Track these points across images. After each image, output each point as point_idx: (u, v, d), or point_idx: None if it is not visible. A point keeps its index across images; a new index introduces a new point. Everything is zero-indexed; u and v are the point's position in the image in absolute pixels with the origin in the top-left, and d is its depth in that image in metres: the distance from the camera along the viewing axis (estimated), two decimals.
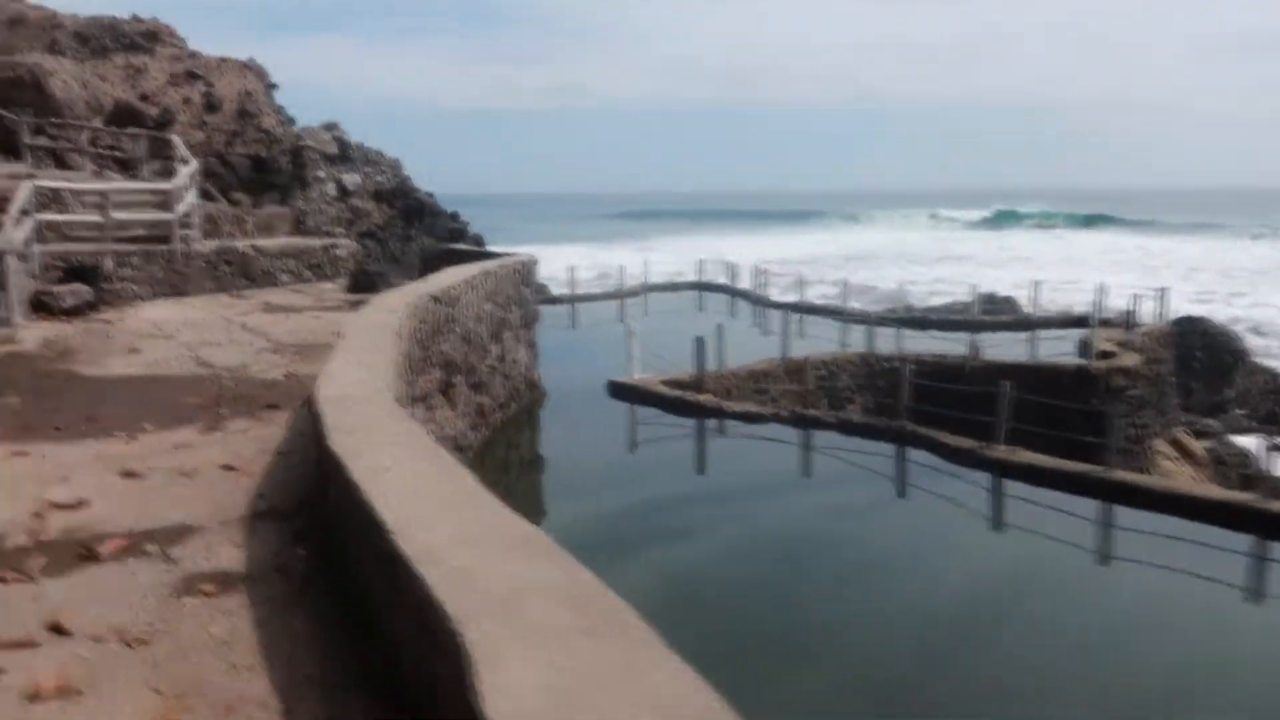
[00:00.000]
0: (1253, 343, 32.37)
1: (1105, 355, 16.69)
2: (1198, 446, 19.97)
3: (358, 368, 5.27)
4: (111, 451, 6.17)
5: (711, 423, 14.06)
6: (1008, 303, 36.49)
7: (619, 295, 28.70)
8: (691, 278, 34.04)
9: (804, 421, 12.98)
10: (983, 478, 11.78)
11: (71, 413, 7.32)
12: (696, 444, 13.64)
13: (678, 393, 13.84)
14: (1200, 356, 27.61)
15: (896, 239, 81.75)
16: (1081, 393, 15.54)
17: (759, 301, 27.03)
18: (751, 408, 13.52)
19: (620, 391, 14.77)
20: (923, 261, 58.56)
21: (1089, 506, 10.68)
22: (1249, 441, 23.30)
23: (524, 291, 14.17)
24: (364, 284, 15.64)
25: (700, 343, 14.47)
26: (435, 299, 9.34)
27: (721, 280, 31.76)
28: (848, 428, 12.79)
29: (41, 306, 12.37)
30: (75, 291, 12.57)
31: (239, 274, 15.91)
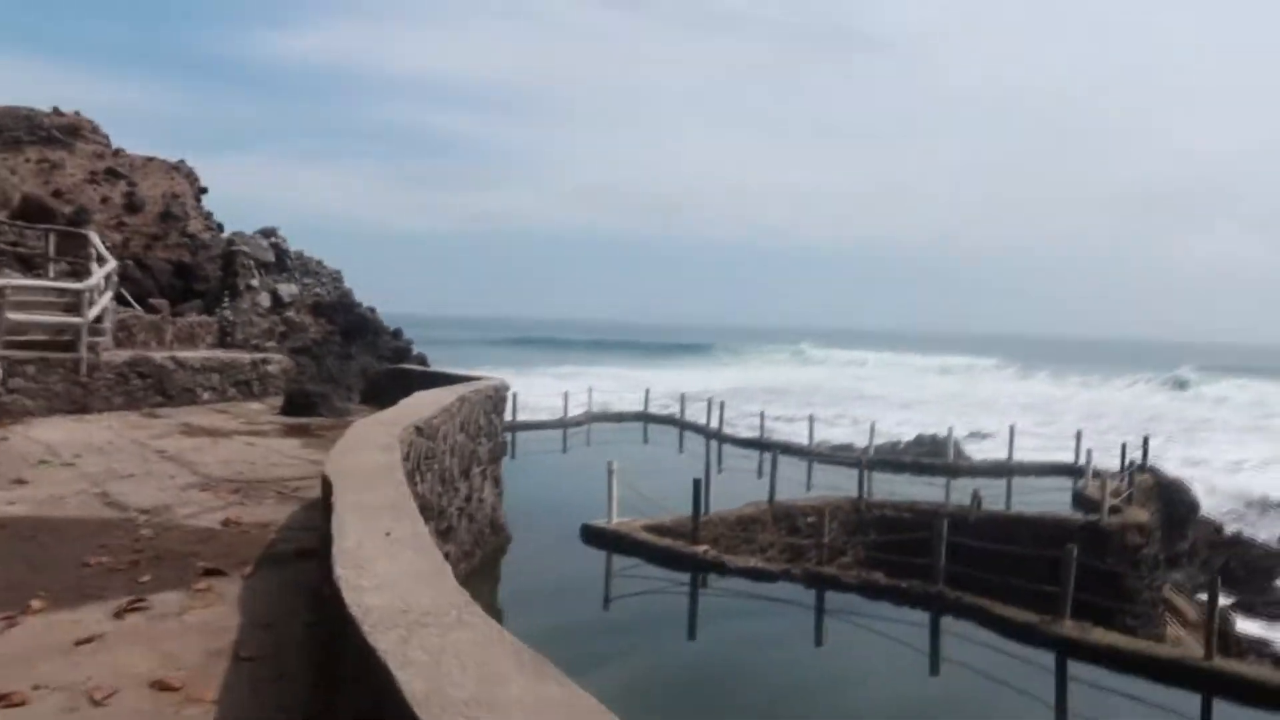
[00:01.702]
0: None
1: (1114, 510, 15.61)
2: (1187, 606, 18.90)
3: (393, 548, 3.49)
4: None
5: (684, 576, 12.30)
6: (939, 444, 35.87)
7: (562, 424, 26.97)
8: (624, 408, 32.55)
9: (819, 581, 11.31)
10: (1021, 650, 10.23)
11: None
12: (689, 603, 11.80)
13: (667, 542, 12.04)
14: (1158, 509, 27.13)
15: (804, 375, 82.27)
16: (1094, 550, 14.30)
17: (715, 436, 25.58)
18: (756, 563, 11.80)
19: (596, 537, 12.92)
20: (842, 400, 58.43)
21: (1164, 695, 9.19)
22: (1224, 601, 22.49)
23: (494, 421, 12.38)
24: (301, 405, 13.62)
25: (699, 486, 12.79)
26: (419, 430, 7.55)
27: (667, 412, 30.36)
28: (874, 591, 11.16)
29: None
30: None
31: (154, 389, 13.71)
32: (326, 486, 4.84)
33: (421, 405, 8.74)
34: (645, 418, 29.77)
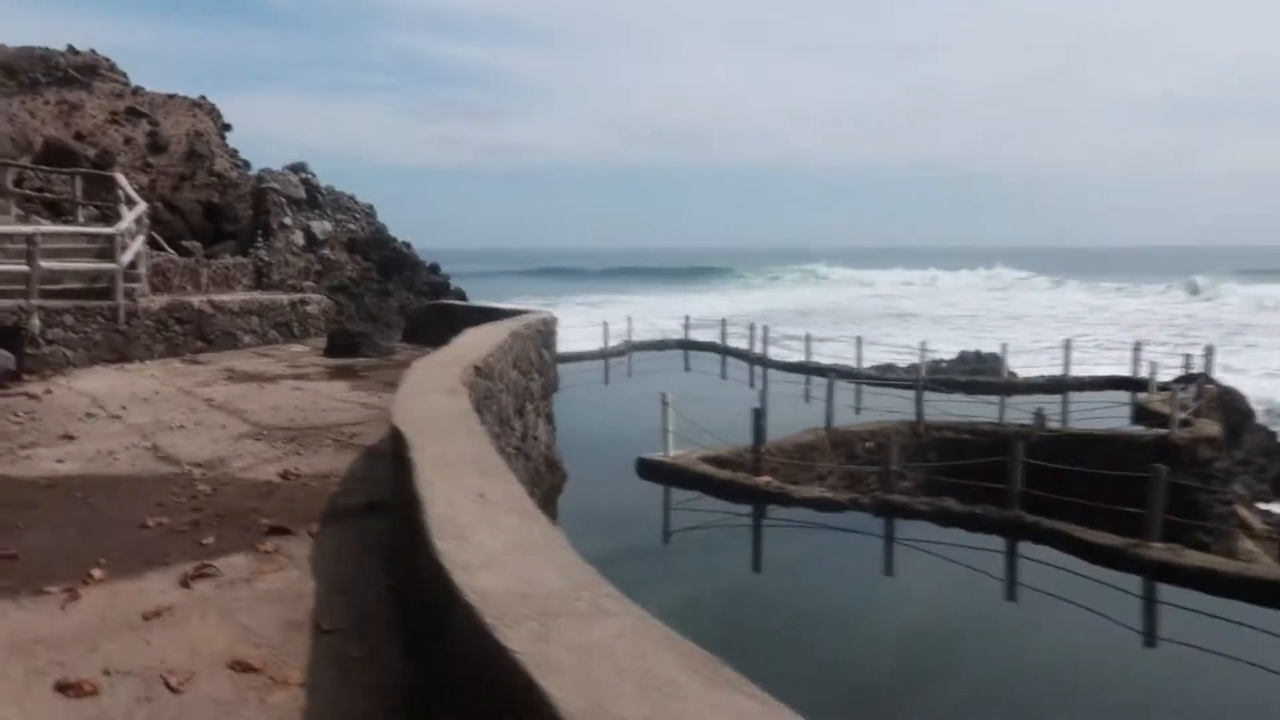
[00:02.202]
0: None
1: (1184, 424, 15.03)
2: (1252, 517, 18.39)
3: (491, 512, 3.07)
4: (35, 630, 3.81)
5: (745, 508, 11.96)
6: (993, 360, 35.09)
7: (603, 355, 26.59)
8: (653, 336, 31.99)
9: (888, 509, 10.92)
10: (1104, 575, 9.83)
11: None
12: (753, 535, 11.47)
13: (727, 474, 11.68)
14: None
15: (829, 296, 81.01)
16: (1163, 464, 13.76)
17: (759, 362, 25.05)
18: (821, 492, 11.42)
19: (652, 471, 12.59)
20: (869, 320, 57.33)
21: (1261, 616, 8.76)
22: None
23: (545, 356, 11.98)
24: (344, 346, 13.27)
25: (758, 415, 12.35)
26: (478, 371, 7.13)
27: (706, 338, 29.82)
28: (946, 518, 10.75)
29: None
30: None
31: (194, 335, 13.42)
32: (398, 439, 4.43)
33: (476, 343, 8.31)
34: (686, 345, 29.27)
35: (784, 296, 78.86)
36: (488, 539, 2.86)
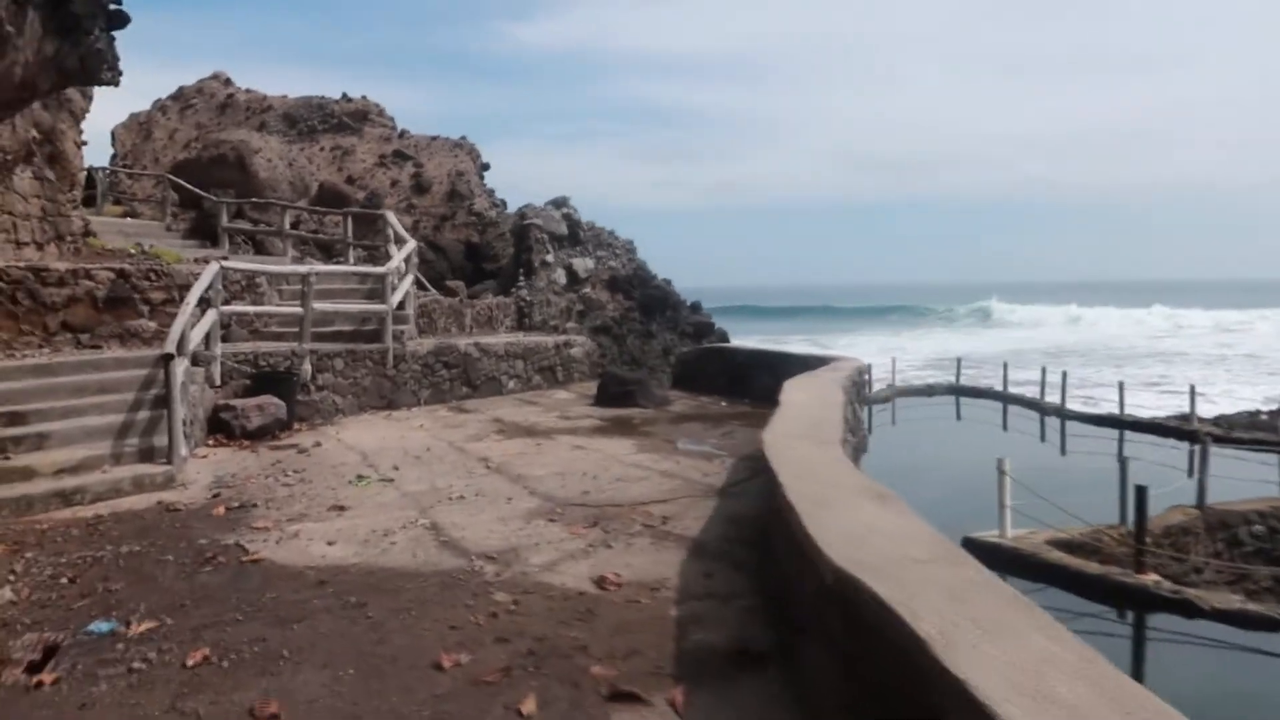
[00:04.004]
0: None
1: None
2: None
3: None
4: None
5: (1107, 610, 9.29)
6: None
7: (867, 401, 24.21)
8: (926, 380, 29.15)
9: None
10: None
11: (230, 685, 3.56)
12: (1132, 651, 8.84)
13: (1097, 568, 9.12)
14: None
15: (1075, 335, 72.23)
16: None
17: (1056, 413, 21.74)
18: (1242, 603, 8.64)
19: (986, 555, 10.19)
20: (1132, 360, 50.13)
21: None
22: None
23: (857, 412, 10.00)
24: (616, 395, 11.89)
25: (1141, 493, 9.72)
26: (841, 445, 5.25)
27: (972, 382, 26.66)
28: None
29: (220, 426, 9.16)
30: (264, 408, 9.31)
31: (460, 380, 12.51)
32: (852, 590, 2.57)
33: (819, 404, 6.46)
34: (957, 390, 26.24)
35: (1028, 336, 71.96)
36: None
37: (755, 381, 12.52)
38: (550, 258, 15.85)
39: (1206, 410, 24.51)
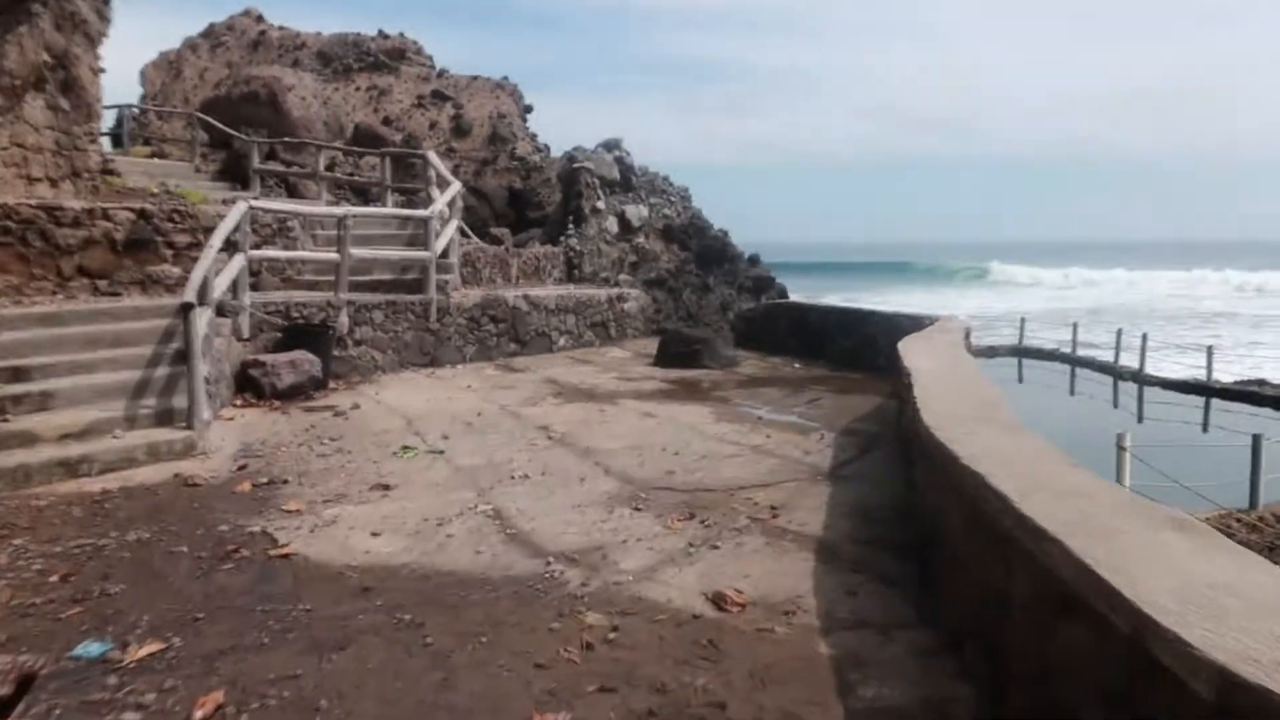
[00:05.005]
0: None
1: None
2: None
3: None
4: None
5: None
6: None
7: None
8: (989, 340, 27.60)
9: None
10: None
11: None
12: None
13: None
14: None
15: (1107, 294, 68.99)
16: None
17: (1133, 378, 20.33)
18: None
19: None
20: (1178, 321, 47.47)
21: None
22: None
23: None
24: (679, 353, 10.82)
25: None
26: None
27: (1038, 343, 25.16)
28: None
29: (249, 384, 8.21)
30: (296, 365, 8.33)
31: (507, 336, 11.49)
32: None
33: (962, 376, 5.35)
34: (1020, 352, 24.80)
35: (1076, 295, 69.22)
36: None
37: (831, 342, 11.39)
38: (601, 204, 14.70)
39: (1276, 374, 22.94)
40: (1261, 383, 20.86)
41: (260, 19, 22.66)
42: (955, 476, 3.35)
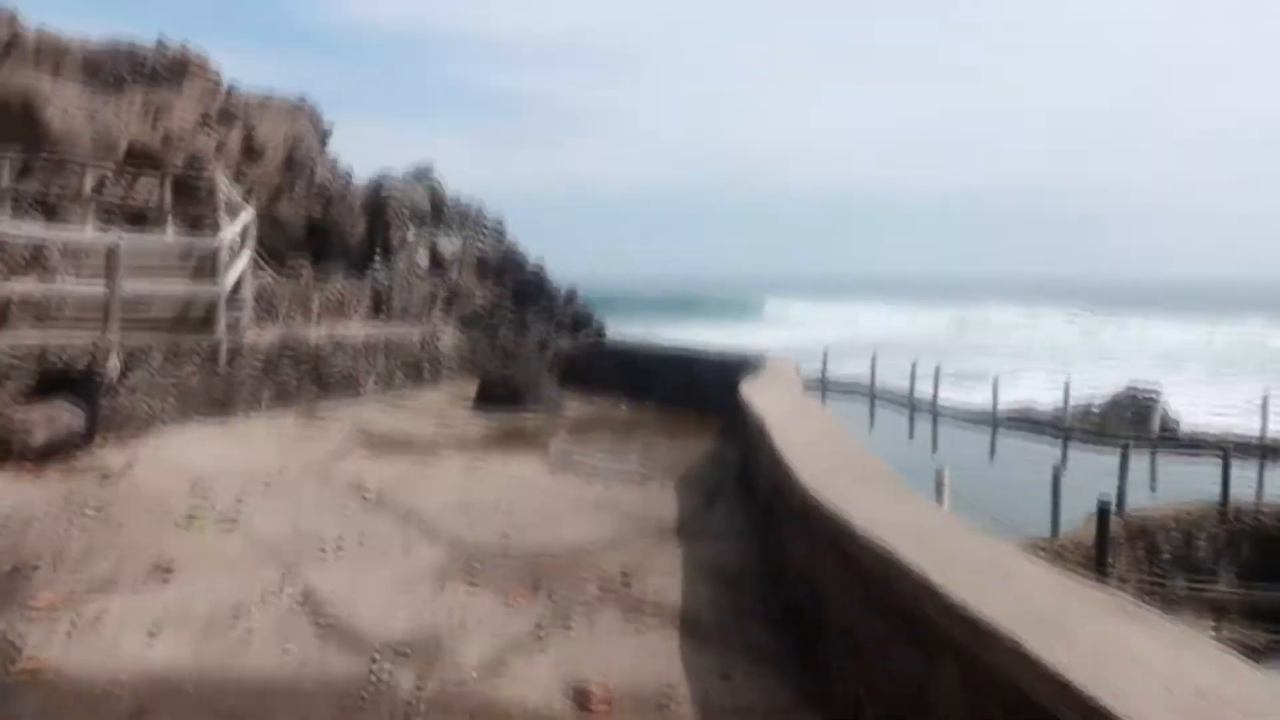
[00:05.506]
0: None
1: None
2: None
3: None
4: None
5: None
6: (1141, 406, 30.47)
7: None
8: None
9: None
10: None
11: None
12: None
13: None
14: None
15: (891, 329, 73.20)
16: None
17: (927, 410, 21.35)
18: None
19: None
20: (955, 354, 50.92)
21: None
22: None
23: None
24: (500, 396, 10.24)
25: (1104, 510, 8.90)
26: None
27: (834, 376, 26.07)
28: None
29: None
30: (54, 418, 7.11)
31: (309, 379, 10.48)
32: None
33: (813, 423, 5.11)
34: (821, 385, 25.50)
35: (853, 327, 72.31)
36: None
37: (659, 382, 11.12)
38: (411, 236, 13.89)
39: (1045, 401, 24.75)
40: (1029, 410, 22.63)
41: (14, 20, 20.21)
42: (851, 547, 3.01)
